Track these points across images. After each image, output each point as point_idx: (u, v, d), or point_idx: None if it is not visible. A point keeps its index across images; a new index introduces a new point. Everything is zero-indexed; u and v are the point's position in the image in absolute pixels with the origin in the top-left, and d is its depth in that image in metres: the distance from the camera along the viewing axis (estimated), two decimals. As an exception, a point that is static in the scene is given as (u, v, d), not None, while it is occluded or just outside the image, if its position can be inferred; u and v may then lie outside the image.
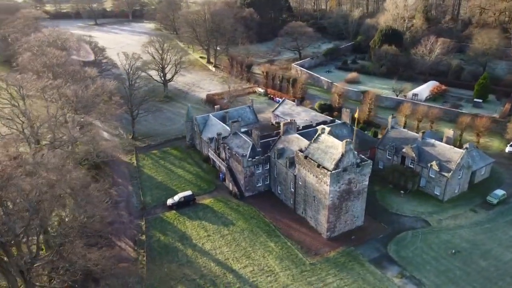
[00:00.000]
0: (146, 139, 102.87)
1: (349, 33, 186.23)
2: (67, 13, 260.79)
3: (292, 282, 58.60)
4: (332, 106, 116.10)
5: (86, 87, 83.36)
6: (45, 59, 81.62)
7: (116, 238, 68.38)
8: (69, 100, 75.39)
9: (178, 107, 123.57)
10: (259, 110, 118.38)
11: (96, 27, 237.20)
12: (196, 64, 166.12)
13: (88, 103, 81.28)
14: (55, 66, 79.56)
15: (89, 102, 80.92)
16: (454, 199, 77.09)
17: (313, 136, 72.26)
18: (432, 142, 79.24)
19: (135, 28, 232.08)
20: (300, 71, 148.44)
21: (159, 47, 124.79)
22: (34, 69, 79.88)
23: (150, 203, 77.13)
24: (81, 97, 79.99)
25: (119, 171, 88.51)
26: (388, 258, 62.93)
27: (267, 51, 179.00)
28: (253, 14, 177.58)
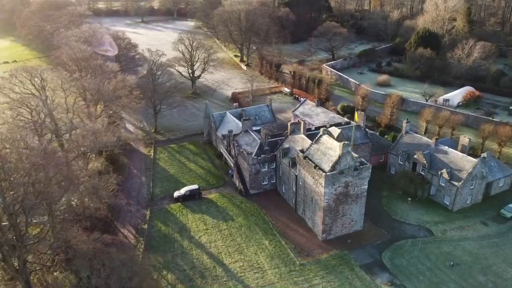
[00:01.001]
0: (167, 133, 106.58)
1: (387, 34, 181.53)
2: (117, 10, 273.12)
3: (278, 280, 59.18)
4: (355, 108, 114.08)
5: (108, 81, 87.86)
6: (71, 53, 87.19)
7: (120, 225, 72.00)
8: (89, 92, 79.92)
9: (204, 103, 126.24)
10: (282, 109, 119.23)
11: (142, 24, 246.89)
12: (229, 63, 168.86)
13: (109, 97, 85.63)
14: (80, 60, 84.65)
15: (110, 95, 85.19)
16: (465, 210, 73.97)
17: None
18: (445, 149, 76.39)
19: (178, 26, 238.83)
20: (330, 72, 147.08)
21: (188, 44, 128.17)
22: (64, 62, 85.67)
23: (159, 195, 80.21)
24: (103, 90, 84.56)
25: (136, 162, 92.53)
26: (381, 265, 61.81)
27: (302, 51, 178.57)
28: (289, 14, 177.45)
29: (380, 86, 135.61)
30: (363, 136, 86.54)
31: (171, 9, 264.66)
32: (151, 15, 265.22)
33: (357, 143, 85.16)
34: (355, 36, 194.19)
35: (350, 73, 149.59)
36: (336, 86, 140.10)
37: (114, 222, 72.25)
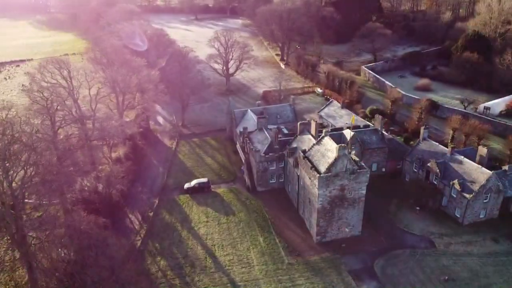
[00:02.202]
0: (194, 127, 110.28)
1: (437, 37, 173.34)
2: (174, 8, 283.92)
3: (263, 277, 60.06)
4: (383, 112, 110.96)
5: (136, 75, 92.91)
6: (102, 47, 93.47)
7: (130, 211, 76.24)
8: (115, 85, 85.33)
9: (236, 101, 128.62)
10: (311, 109, 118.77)
11: (196, 21, 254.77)
12: (269, 61, 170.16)
13: (133, 89, 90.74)
14: (110, 54, 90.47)
15: (133, 88, 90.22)
16: (477, 225, 70.06)
17: (335, 138, 72.48)
18: (461, 159, 72.64)
19: (228, 24, 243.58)
20: (368, 74, 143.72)
21: (224, 42, 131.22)
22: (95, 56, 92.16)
23: (171, 185, 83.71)
24: (129, 82, 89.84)
25: (157, 153, 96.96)
26: (371, 273, 60.55)
27: (345, 52, 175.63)
28: (333, 13, 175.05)
29: (419, 91, 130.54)
30: (379, 140, 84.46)
31: (225, 7, 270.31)
32: (205, 13, 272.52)
33: (371, 147, 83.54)
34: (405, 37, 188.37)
35: (390, 76, 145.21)
36: (372, 89, 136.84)
37: (124, 207, 76.63)
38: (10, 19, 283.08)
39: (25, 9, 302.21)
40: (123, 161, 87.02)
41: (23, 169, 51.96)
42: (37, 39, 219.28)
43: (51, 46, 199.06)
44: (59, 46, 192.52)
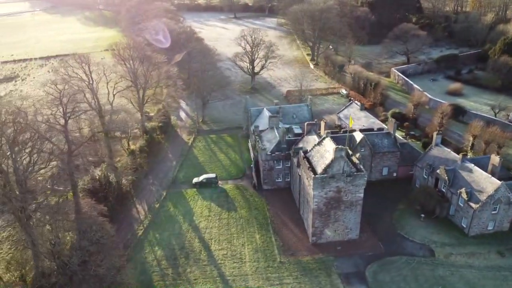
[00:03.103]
0: (213, 124, 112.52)
1: (477, 39, 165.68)
2: (215, 6, 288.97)
3: (252, 273, 60.85)
4: (405, 115, 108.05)
5: (158, 71, 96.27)
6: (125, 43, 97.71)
7: (138, 201, 79.36)
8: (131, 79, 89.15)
9: (259, 99, 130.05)
10: (333, 110, 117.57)
11: (234, 20, 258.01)
12: (300, 61, 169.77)
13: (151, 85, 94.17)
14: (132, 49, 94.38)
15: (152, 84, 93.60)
16: (484, 236, 67.08)
17: (343, 140, 72.98)
18: (471, 167, 69.69)
19: (266, 23, 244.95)
20: (397, 76, 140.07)
21: (250, 40, 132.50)
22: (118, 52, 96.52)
23: (181, 179, 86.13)
24: (148, 77, 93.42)
25: (174, 147, 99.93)
26: (361, 277, 59.71)
27: (379, 53, 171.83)
28: (368, 14, 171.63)
29: (449, 95, 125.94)
30: (391, 144, 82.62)
31: (264, 6, 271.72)
32: (244, 11, 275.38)
33: (382, 151, 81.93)
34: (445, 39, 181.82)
35: (421, 80, 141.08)
36: (400, 91, 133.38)
37: (134, 198, 79.89)
38: (61, 15, 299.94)
39: (76, 6, 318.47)
40: (139, 153, 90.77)
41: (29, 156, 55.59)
42: (83, 34, 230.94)
43: (94, 41, 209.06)
44: (101, 42, 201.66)
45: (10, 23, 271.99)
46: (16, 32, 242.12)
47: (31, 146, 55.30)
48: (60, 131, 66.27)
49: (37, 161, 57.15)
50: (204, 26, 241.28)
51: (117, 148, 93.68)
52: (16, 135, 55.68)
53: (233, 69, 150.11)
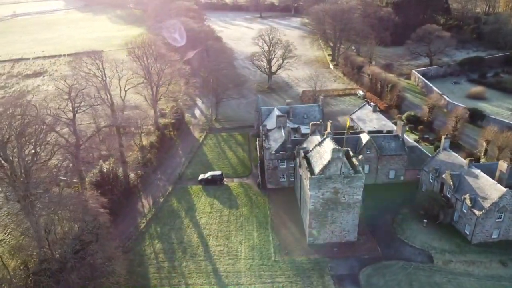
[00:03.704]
0: (226, 122, 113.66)
1: (506, 42, 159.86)
2: (241, 6, 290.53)
3: (245, 270, 61.45)
4: (420, 118, 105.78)
5: (170, 67, 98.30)
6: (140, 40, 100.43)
7: (144, 195, 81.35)
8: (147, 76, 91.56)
9: (275, 99, 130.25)
10: (347, 111, 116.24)
11: (259, 19, 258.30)
12: (320, 61, 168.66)
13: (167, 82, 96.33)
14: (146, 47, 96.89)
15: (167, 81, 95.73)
16: (488, 245, 65.08)
17: (349, 141, 73.05)
18: (477, 173, 67.72)
19: (291, 23, 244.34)
20: (417, 78, 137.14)
21: (268, 40, 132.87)
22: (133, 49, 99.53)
23: (188, 175, 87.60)
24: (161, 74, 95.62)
25: (185, 144, 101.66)
26: (355, 280, 59.25)
27: (402, 55, 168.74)
28: (391, 14, 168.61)
29: (470, 99, 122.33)
30: (399, 147, 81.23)
31: (290, 6, 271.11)
32: (270, 11, 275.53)
33: (389, 153, 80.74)
34: (473, 41, 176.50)
35: (443, 82, 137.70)
36: (419, 94, 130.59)
37: (140, 191, 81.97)
38: (93, 14, 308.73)
39: (108, 4, 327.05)
40: (149, 149, 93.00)
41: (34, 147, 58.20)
42: (112, 32, 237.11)
43: (122, 39, 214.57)
44: (128, 40, 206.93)
45: (44, 21, 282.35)
46: (49, 29, 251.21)
47: (36, 138, 57.85)
48: (67, 124, 69.03)
49: (42, 153, 59.88)
50: (229, 25, 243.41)
51: (131, 143, 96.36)
52: (24, 127, 58.46)
53: (252, 68, 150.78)
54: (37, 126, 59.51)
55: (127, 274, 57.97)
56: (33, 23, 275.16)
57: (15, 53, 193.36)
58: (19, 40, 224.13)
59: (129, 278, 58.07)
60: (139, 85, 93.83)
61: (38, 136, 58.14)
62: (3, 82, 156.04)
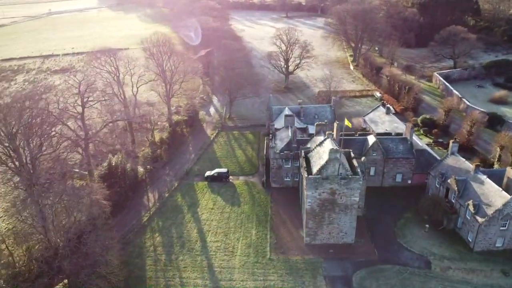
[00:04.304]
0: (239, 120, 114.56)
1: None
2: (268, 5, 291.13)
3: (239, 267, 62.06)
4: (436, 122, 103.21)
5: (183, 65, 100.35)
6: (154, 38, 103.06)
7: (151, 189, 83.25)
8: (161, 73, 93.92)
9: (290, 98, 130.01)
10: (361, 113, 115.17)
11: (285, 19, 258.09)
12: (341, 62, 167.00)
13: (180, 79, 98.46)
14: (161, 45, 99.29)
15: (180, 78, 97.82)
16: (491, 253, 63.10)
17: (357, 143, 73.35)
18: (483, 178, 65.69)
19: (316, 23, 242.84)
20: (438, 81, 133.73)
21: (285, 39, 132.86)
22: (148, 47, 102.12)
23: (195, 172, 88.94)
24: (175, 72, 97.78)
25: (196, 141, 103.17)
26: (347, 282, 58.78)
27: (425, 56, 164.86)
28: (416, 15, 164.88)
29: (493, 103, 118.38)
30: (407, 150, 79.75)
31: (316, 6, 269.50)
32: (296, 11, 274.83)
33: (396, 156, 79.43)
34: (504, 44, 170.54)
35: (466, 86, 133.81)
36: (439, 97, 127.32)
37: (147, 186, 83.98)
38: (124, 12, 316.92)
39: (139, 3, 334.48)
40: (159, 144, 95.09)
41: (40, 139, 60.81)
42: (139, 30, 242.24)
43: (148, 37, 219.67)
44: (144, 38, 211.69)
45: (77, 19, 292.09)
46: (81, 27, 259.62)
47: (42, 131, 60.45)
48: (76, 118, 71.66)
49: (47, 144, 62.52)
50: (254, 25, 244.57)
51: (144, 139, 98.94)
52: (31, 120, 61.21)
53: (271, 68, 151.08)
54: (43, 118, 62.09)
55: (124, 265, 59.60)
56: (66, 21, 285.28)
57: (46, 49, 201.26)
58: (52, 37, 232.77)
59: (124, 269, 59.65)
60: (152, 82, 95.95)
61: (44, 128, 60.69)
62: (33, 77, 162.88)
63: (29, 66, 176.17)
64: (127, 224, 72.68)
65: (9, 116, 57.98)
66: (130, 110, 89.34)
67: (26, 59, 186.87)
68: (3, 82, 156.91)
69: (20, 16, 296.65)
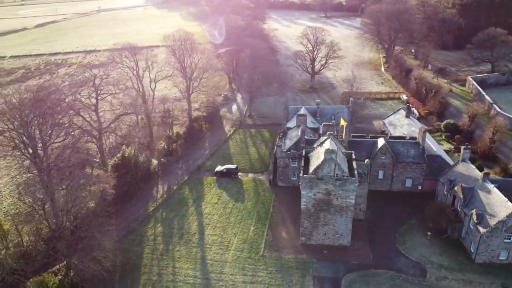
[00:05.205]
0: (258, 118, 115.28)
1: None
2: (308, 5, 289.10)
3: (231, 261, 63.04)
4: (459, 128, 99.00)
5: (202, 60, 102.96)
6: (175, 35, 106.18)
7: (161, 181, 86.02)
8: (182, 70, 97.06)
9: (314, 98, 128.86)
10: (384, 115, 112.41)
11: (323, 19, 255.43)
12: (374, 63, 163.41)
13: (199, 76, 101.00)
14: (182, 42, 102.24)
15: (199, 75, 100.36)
16: (494, 266, 60.22)
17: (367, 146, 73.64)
18: (490, 188, 62.71)
19: (354, 23, 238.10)
20: (471, 85, 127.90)
21: (312, 39, 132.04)
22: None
23: (207, 167, 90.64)
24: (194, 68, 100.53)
25: (213, 137, 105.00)
26: (336, 284, 58.22)
27: (463, 59, 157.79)
28: (455, 16, 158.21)
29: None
30: (418, 155, 77.42)
31: (356, 5, 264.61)
32: (336, 10, 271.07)
33: (406, 160, 77.38)
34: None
35: (503, 91, 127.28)
36: (471, 102, 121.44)
37: (159, 178, 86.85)
38: (168, 10, 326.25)
39: (183, 1, 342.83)
40: (176, 139, 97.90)
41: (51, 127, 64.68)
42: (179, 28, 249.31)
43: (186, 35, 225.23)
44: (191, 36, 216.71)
45: (123, 16, 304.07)
46: (125, 24, 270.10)
47: (53, 120, 64.33)
48: (90, 109, 75.48)
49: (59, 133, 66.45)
50: (291, 24, 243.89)
51: (163, 133, 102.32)
52: (45, 109, 65.30)
53: (300, 68, 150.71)
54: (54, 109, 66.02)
55: (123, 252, 62.65)
56: (113, 18, 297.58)
57: (90, 45, 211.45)
58: (97, 34, 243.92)
59: (122, 255, 62.46)
60: (175, 79, 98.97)
61: (56, 117, 64.59)
62: (74, 71, 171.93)
63: (71, 60, 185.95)
64: (134, 213, 75.65)
65: (23, 105, 62.28)
66: (148, 104, 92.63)
67: (70, 53, 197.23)
68: (46, 74, 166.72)
69: (71, 13, 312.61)
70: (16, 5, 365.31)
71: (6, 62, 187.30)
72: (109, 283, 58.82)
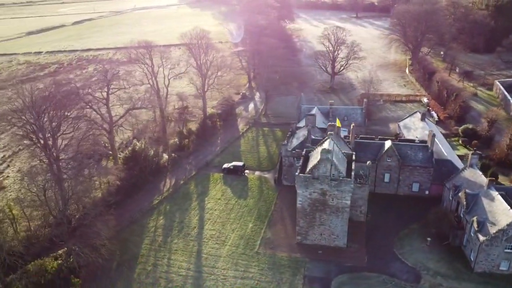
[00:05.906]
0: (273, 117, 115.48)
1: None
2: (340, 5, 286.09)
3: (226, 256, 63.87)
4: (478, 133, 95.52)
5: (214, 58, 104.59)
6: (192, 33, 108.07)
7: (170, 175, 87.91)
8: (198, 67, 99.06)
9: (331, 98, 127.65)
10: (401, 118, 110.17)
11: (354, 19, 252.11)
12: (398, 64, 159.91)
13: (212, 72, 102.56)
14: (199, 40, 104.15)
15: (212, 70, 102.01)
16: (493, 276, 58.07)
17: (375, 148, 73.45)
18: (494, 195, 60.38)
19: (385, 23, 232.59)
20: (498, 89, 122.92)
21: (333, 39, 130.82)
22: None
23: (215, 163, 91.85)
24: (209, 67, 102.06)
25: (226, 134, 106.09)
26: (325, 284, 57.91)
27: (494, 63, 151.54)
28: (486, 18, 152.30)
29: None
30: (426, 159, 75.49)
31: (388, 6, 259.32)
32: (368, 11, 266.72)
33: (413, 164, 75.68)
34: None
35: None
36: (497, 106, 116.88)
37: (168, 172, 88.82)
38: (200, 9, 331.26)
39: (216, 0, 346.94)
40: (188, 135, 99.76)
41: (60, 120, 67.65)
42: (209, 27, 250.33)
43: (213, 34, 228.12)
44: (217, 35, 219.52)
45: (156, 15, 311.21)
46: (157, 23, 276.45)
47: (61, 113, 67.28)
48: (101, 102, 78.29)
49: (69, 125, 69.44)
50: (321, 24, 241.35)
51: (176, 129, 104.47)
52: (56, 102, 68.41)
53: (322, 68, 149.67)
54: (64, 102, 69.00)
55: (123, 241, 64.89)
56: (146, 16, 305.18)
57: (121, 42, 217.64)
58: (130, 31, 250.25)
59: (120, 244, 64.64)
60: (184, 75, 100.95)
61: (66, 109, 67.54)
62: (102, 67, 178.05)
63: (102, 56, 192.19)
64: (140, 205, 77.78)
65: (35, 97, 65.53)
66: (163, 100, 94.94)
67: (102, 50, 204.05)
68: (77, 70, 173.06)
69: (107, 11, 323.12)
70: (57, 3, 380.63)
71: (42, 57, 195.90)
72: (105, 270, 60.96)
